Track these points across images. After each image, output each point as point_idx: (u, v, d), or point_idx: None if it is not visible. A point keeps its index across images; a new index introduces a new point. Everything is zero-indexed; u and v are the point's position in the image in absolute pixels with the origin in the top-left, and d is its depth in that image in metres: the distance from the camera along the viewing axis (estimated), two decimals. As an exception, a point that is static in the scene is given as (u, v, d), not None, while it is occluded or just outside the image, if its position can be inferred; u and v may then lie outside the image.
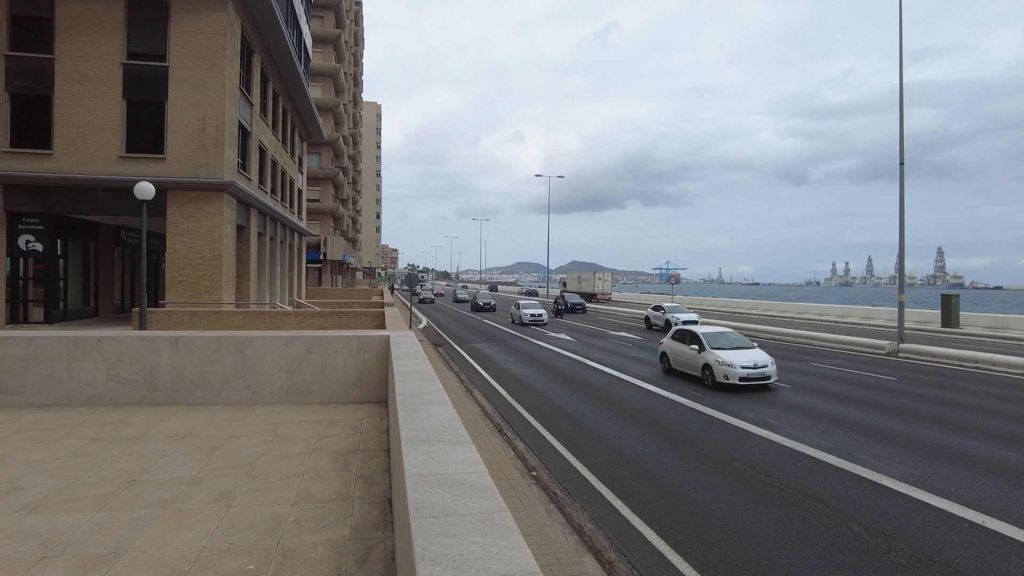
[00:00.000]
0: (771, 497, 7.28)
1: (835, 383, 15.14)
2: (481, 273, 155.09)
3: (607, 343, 24.82)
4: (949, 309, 30.09)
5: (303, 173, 36.11)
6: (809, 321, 36.88)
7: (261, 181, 24.42)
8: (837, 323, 34.75)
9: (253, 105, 22.48)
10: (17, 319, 18.68)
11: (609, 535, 6.27)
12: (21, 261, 18.88)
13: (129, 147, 18.27)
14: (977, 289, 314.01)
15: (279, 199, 27.80)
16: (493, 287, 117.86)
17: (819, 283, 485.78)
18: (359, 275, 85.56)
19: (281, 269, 28.94)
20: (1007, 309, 63.21)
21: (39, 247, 18.19)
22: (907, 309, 26.07)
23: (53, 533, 3.88)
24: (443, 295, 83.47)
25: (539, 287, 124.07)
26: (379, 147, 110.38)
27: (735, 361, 14.07)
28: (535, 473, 8.11)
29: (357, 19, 68.66)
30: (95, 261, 22.15)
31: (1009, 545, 5.98)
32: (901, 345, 20.92)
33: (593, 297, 62.39)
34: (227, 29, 18.66)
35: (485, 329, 31.77)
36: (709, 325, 21.99)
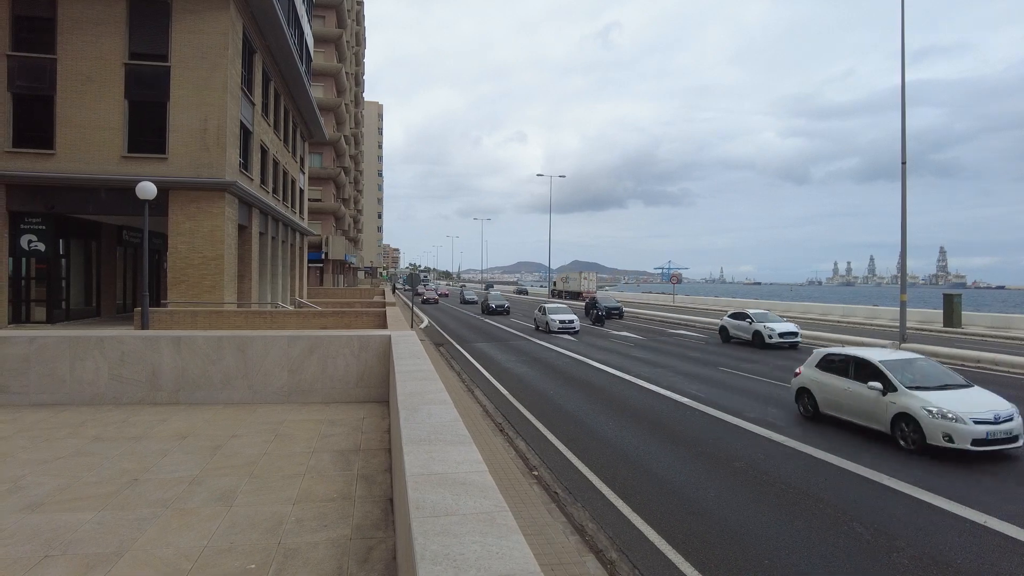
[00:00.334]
0: (772, 495, 7.27)
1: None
2: (483, 273, 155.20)
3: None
4: (951, 309, 30.03)
5: (305, 173, 36.14)
6: (812, 321, 36.83)
7: (263, 181, 24.45)
8: (839, 323, 34.71)
9: (255, 105, 22.50)
10: (19, 319, 18.72)
11: (610, 535, 6.26)
12: (23, 261, 18.93)
13: (131, 147, 18.30)
14: (979, 289, 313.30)
15: (281, 199, 27.83)
16: (489, 285, 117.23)
17: (821, 283, 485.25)
18: (361, 275, 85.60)
19: (283, 269, 28.97)
20: (1009, 309, 63.08)
21: (41, 247, 18.23)
22: (909, 309, 26.01)
23: (55, 532, 3.88)
24: (447, 295, 76.79)
25: (541, 286, 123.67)
26: (381, 147, 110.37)
27: (960, 411, 8.79)
28: (536, 473, 8.11)
29: (358, 19, 68.68)
30: (97, 261, 22.19)
31: (1010, 545, 6.00)
32: (903, 345, 20.88)
33: (579, 295, 66.78)
34: (229, 29, 18.68)
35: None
36: (874, 350, 11.58)
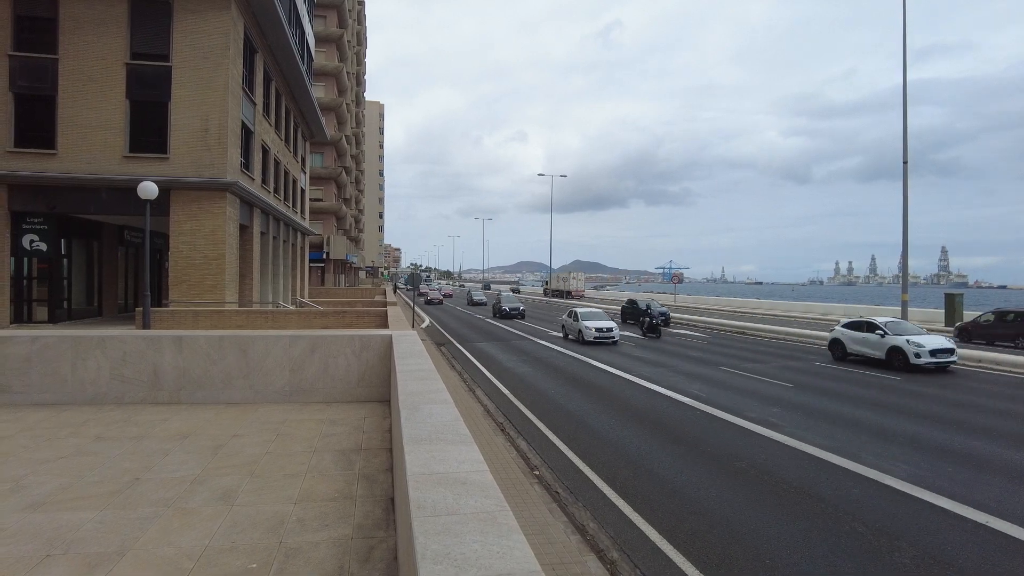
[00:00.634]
0: (773, 496, 7.27)
1: (838, 382, 15.11)
2: (483, 272, 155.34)
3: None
4: (953, 308, 29.99)
5: (306, 172, 36.16)
6: (813, 320, 36.82)
7: (264, 181, 24.47)
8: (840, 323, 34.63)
9: (256, 105, 22.52)
10: (21, 318, 18.76)
11: (611, 534, 6.26)
12: (25, 261, 18.97)
13: (132, 147, 18.33)
14: (981, 288, 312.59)
15: (282, 198, 27.85)
16: (486, 285, 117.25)
17: (822, 282, 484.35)
18: (362, 274, 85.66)
19: (284, 268, 28.99)
20: (1011, 308, 62.82)
21: (43, 247, 18.27)
22: (911, 308, 25.97)
23: (57, 531, 3.89)
24: (451, 295, 72.32)
25: (533, 285, 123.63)
26: (382, 146, 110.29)
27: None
28: (537, 472, 8.11)
29: (360, 18, 68.68)
30: (99, 261, 22.22)
31: (1013, 545, 5.97)
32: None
33: (568, 294, 68.73)
34: (230, 29, 18.69)
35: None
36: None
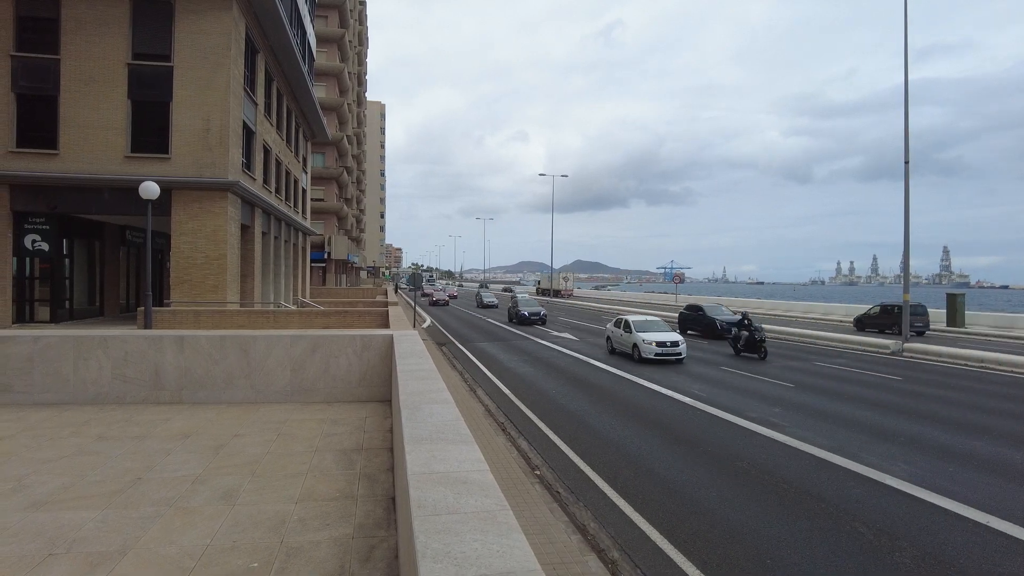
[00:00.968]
0: (774, 496, 7.27)
1: (839, 382, 15.10)
2: (484, 272, 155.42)
3: None
4: (954, 308, 29.93)
5: (307, 172, 36.19)
6: (814, 320, 36.78)
7: (265, 181, 24.49)
8: (842, 322, 34.61)
9: (257, 105, 22.54)
10: (23, 318, 18.79)
11: (612, 534, 6.27)
12: (27, 261, 19.01)
13: (134, 147, 18.36)
14: (983, 288, 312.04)
15: (283, 199, 27.88)
16: (483, 285, 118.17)
17: (824, 282, 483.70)
18: (363, 274, 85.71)
19: (285, 268, 29.02)
20: (1013, 308, 62.85)
21: (45, 247, 18.31)
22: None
23: (59, 531, 3.91)
24: (456, 296, 68.46)
25: (523, 284, 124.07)
26: (383, 146, 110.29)
27: None
28: (538, 472, 8.12)
29: (361, 18, 68.70)
30: (100, 261, 22.26)
31: (1014, 545, 5.97)
32: (906, 344, 20.84)
33: (557, 293, 71.91)
34: (231, 29, 18.72)
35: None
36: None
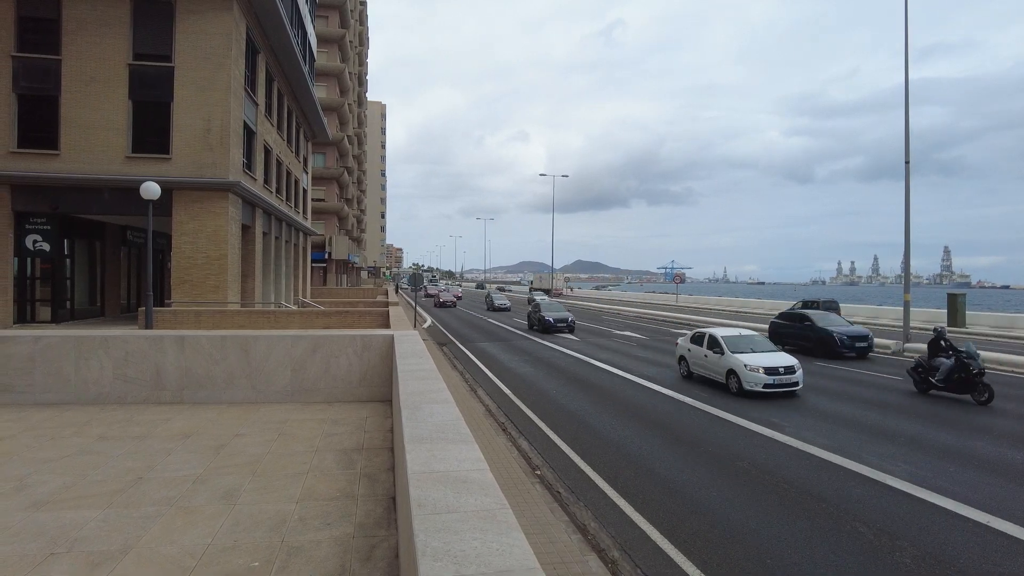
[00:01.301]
0: (775, 496, 7.27)
1: (840, 382, 15.10)
2: (485, 273, 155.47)
3: None
4: (955, 308, 29.89)
5: (308, 173, 36.21)
6: (814, 320, 36.72)
7: (266, 181, 24.51)
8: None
9: (258, 105, 22.56)
10: (24, 318, 18.81)
11: (612, 534, 6.27)
12: (28, 261, 19.03)
13: (135, 147, 18.38)
14: (984, 288, 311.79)
15: (284, 199, 27.90)
16: (480, 285, 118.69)
17: (824, 282, 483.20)
18: (364, 274, 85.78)
19: (286, 268, 29.04)
20: (1014, 308, 62.80)
21: (46, 247, 18.33)
22: (913, 308, 25.88)
23: (61, 530, 3.92)
24: (461, 297, 65.58)
25: (518, 283, 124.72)
26: (384, 146, 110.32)
27: None
28: (539, 472, 8.12)
29: (361, 19, 68.74)
30: (101, 261, 22.29)
31: (1014, 545, 5.97)
32: (907, 344, 20.81)
33: (549, 292, 73.16)
34: (232, 29, 18.74)
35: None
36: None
